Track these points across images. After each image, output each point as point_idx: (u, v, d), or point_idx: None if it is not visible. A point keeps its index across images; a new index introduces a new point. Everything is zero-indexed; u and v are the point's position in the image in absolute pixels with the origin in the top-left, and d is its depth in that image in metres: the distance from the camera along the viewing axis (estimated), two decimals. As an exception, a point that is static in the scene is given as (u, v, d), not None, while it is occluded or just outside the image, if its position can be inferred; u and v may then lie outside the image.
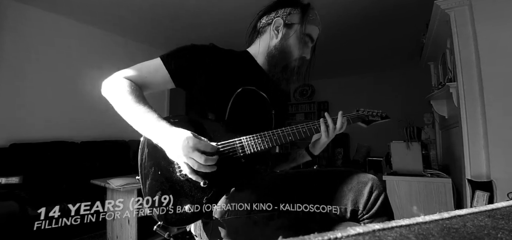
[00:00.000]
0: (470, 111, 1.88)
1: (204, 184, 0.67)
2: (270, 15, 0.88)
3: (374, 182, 0.68)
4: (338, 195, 0.68)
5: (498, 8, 1.78)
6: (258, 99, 0.86)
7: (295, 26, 0.86)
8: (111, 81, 0.75)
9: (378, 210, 0.67)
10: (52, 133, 2.94)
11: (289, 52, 0.87)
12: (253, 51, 0.92)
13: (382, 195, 0.68)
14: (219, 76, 0.81)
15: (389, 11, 3.06)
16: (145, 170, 0.71)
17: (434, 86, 2.83)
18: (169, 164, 0.70)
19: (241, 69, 0.87)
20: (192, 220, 0.68)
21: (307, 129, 0.84)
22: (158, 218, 0.66)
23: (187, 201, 0.67)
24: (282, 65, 0.87)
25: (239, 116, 0.80)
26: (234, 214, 0.67)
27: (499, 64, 1.76)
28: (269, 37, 0.88)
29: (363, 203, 0.67)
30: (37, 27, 2.95)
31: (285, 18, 0.86)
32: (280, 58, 0.86)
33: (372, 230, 0.24)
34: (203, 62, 0.80)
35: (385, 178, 2.19)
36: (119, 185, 2.06)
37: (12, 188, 2.25)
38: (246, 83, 0.84)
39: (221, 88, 0.80)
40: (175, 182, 0.69)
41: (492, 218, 0.28)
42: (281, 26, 0.86)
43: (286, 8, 0.87)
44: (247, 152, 0.73)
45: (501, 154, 1.74)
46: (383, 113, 1.00)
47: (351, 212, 0.67)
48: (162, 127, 0.67)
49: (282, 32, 0.86)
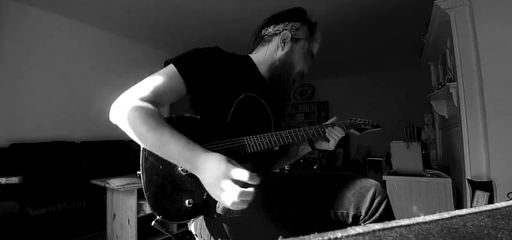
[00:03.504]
0: (470, 111, 1.88)
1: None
2: (277, 25, 0.88)
3: (377, 188, 0.68)
4: (341, 200, 0.68)
5: (498, 8, 1.78)
6: (258, 107, 0.87)
7: (302, 42, 0.88)
8: (122, 106, 0.67)
9: (380, 216, 0.67)
10: (52, 133, 2.94)
11: (292, 66, 0.88)
12: (256, 59, 0.93)
13: (384, 201, 0.68)
14: (224, 79, 0.81)
15: (389, 11, 3.06)
16: (147, 164, 0.69)
17: (434, 86, 2.83)
18: None
19: (244, 74, 0.88)
20: (191, 215, 0.68)
21: (314, 131, 0.86)
22: (158, 212, 0.66)
23: (187, 196, 0.67)
24: (284, 78, 0.88)
25: (240, 121, 0.80)
26: (236, 212, 0.67)
27: (499, 64, 1.76)
28: (275, 48, 0.89)
29: (366, 208, 0.66)
30: (37, 27, 2.95)
31: (293, 33, 0.87)
32: (283, 71, 0.88)
33: (372, 230, 0.24)
34: (210, 65, 0.79)
35: (385, 178, 2.19)
36: (119, 185, 2.06)
37: (12, 188, 2.25)
38: (248, 89, 0.84)
39: (226, 91, 0.81)
40: (177, 177, 0.69)
41: (492, 218, 0.28)
42: (288, 40, 0.87)
43: (295, 23, 0.88)
44: (248, 151, 0.74)
45: (501, 154, 1.74)
46: (374, 123, 1.04)
47: (353, 217, 0.67)
48: (199, 158, 0.61)
49: (288, 46, 0.87)
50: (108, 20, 3.34)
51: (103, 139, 3.22)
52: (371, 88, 5.76)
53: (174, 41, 3.97)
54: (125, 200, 2.11)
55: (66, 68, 3.17)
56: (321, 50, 0.97)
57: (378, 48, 4.32)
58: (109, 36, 3.66)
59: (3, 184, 2.23)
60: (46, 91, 3.00)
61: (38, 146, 2.68)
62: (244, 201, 0.56)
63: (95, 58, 3.48)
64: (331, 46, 4.12)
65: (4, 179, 2.26)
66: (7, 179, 2.27)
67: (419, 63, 3.56)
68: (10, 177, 2.29)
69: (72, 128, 3.11)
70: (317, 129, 0.87)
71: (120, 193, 2.14)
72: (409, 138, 2.35)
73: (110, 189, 2.23)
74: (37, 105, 2.92)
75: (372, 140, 5.26)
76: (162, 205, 0.66)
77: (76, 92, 3.17)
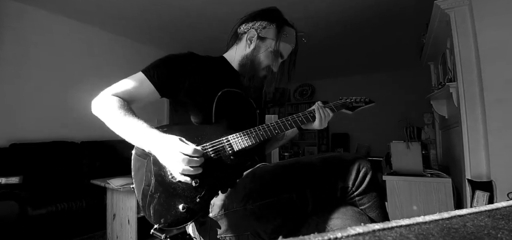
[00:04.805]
0: (470, 111, 1.88)
1: (195, 184, 0.69)
2: (248, 24, 0.91)
3: (360, 161, 0.73)
4: (329, 177, 0.71)
5: (498, 8, 1.78)
6: (239, 99, 0.91)
7: (268, 41, 0.90)
8: (100, 100, 0.78)
9: (367, 187, 0.71)
10: (52, 133, 2.94)
11: (259, 63, 0.91)
12: (229, 57, 0.97)
13: (369, 173, 0.72)
14: (201, 80, 0.85)
15: (389, 11, 3.06)
16: (138, 176, 0.74)
17: (434, 86, 2.83)
18: (161, 168, 0.72)
19: (220, 73, 0.92)
20: (187, 219, 0.69)
21: (303, 117, 0.88)
22: (156, 222, 0.68)
23: (181, 202, 0.69)
24: (251, 74, 0.91)
25: (225, 117, 0.83)
26: (231, 207, 0.70)
27: (499, 64, 1.76)
28: (244, 46, 0.92)
29: (352, 180, 0.70)
30: (37, 27, 2.95)
31: (260, 31, 0.89)
32: (250, 68, 0.90)
33: (372, 230, 0.24)
34: (185, 69, 0.84)
35: (385, 178, 2.19)
36: (119, 185, 2.06)
37: (12, 188, 2.25)
38: (225, 85, 0.88)
39: (205, 91, 0.84)
40: (168, 185, 0.71)
41: (492, 218, 0.28)
42: (255, 38, 0.90)
43: (263, 22, 0.90)
44: (235, 149, 0.76)
45: (501, 154, 1.74)
46: (367, 99, 1.03)
47: (341, 190, 0.71)
48: (152, 135, 0.70)
49: (254, 44, 0.90)
50: (108, 20, 3.34)
51: (103, 139, 3.22)
52: (371, 88, 5.75)
53: (174, 41, 3.97)
54: (125, 200, 2.11)
55: (66, 68, 3.17)
56: (321, 50, 0.98)
57: (378, 48, 4.32)
58: (109, 36, 3.66)
59: (3, 184, 2.23)
60: (46, 91, 2.99)
61: (38, 146, 2.68)
62: (192, 167, 0.65)
63: (95, 58, 3.47)
64: (331, 46, 4.12)
65: (4, 179, 2.26)
66: (7, 179, 2.27)
67: (419, 63, 3.56)
68: (10, 177, 2.29)
69: (72, 128, 3.11)
70: (305, 115, 0.89)
71: (120, 193, 2.14)
72: (409, 138, 2.35)
73: (110, 189, 2.23)
74: (37, 105, 2.92)
75: (372, 140, 5.27)
76: (159, 214, 0.69)
77: (76, 92, 3.17)
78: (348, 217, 0.65)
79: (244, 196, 0.69)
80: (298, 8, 2.99)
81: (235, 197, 0.71)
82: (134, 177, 0.75)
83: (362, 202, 0.71)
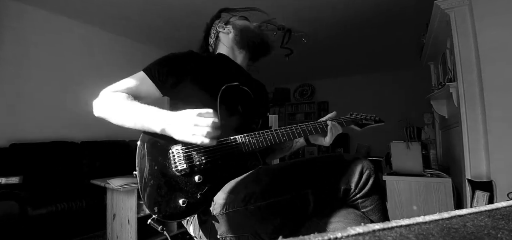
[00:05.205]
0: (470, 111, 1.88)
1: (198, 180, 0.70)
2: (212, 30, 1.05)
3: (363, 163, 0.72)
4: (331, 177, 0.71)
5: (498, 8, 1.78)
6: (242, 94, 0.92)
7: (232, 19, 1.04)
8: (102, 98, 0.79)
9: (370, 190, 0.70)
10: (52, 133, 2.94)
11: (247, 27, 1.00)
12: (226, 53, 1.01)
13: (373, 175, 0.71)
14: (203, 77, 0.86)
15: (389, 11, 3.06)
16: (142, 165, 0.73)
17: (434, 86, 2.83)
18: (166, 159, 0.72)
19: (222, 69, 0.94)
20: (186, 214, 0.70)
21: (312, 127, 0.87)
22: (153, 212, 0.68)
23: (181, 196, 0.69)
24: (250, 40, 0.99)
25: (229, 112, 0.83)
26: (232, 207, 0.69)
27: (499, 64, 1.76)
28: (226, 37, 1.02)
29: (355, 182, 0.69)
30: (37, 27, 2.95)
31: (223, 22, 1.04)
32: (250, 38, 0.99)
33: (372, 230, 0.24)
34: (185, 68, 0.85)
35: (385, 178, 2.19)
36: (119, 185, 2.05)
37: (12, 188, 2.25)
38: (229, 80, 0.89)
39: (207, 88, 0.85)
40: (171, 177, 0.71)
41: (492, 218, 0.28)
42: (224, 25, 1.02)
43: (216, 20, 1.06)
44: (243, 150, 0.76)
45: (501, 154, 1.74)
46: (377, 117, 1.02)
47: (344, 191, 0.70)
48: (165, 112, 0.72)
49: (227, 28, 1.02)
50: (108, 20, 3.34)
51: (103, 139, 3.22)
52: (371, 88, 5.75)
53: (174, 41, 3.97)
54: (125, 200, 2.11)
55: (66, 68, 3.17)
56: (322, 50, 0.99)
57: (378, 48, 4.32)
58: (109, 36, 3.66)
59: (3, 184, 2.23)
60: (46, 91, 2.99)
61: (38, 146, 2.68)
62: (208, 126, 0.67)
63: (95, 58, 3.47)
64: (331, 46, 4.12)
65: (4, 179, 2.26)
66: (7, 179, 2.27)
67: (419, 63, 3.56)
68: (10, 177, 2.29)
69: (72, 128, 3.11)
70: (314, 126, 0.88)
71: (120, 193, 2.14)
72: (409, 138, 2.35)
73: (110, 189, 2.23)
74: (37, 105, 2.92)
75: (372, 140, 5.26)
76: (158, 204, 0.68)
77: (76, 92, 3.16)
78: (350, 221, 0.64)
79: (245, 196, 0.69)
80: (298, 8, 2.99)
81: (237, 197, 0.70)
82: (137, 165, 0.74)
83: (364, 204, 0.70)
